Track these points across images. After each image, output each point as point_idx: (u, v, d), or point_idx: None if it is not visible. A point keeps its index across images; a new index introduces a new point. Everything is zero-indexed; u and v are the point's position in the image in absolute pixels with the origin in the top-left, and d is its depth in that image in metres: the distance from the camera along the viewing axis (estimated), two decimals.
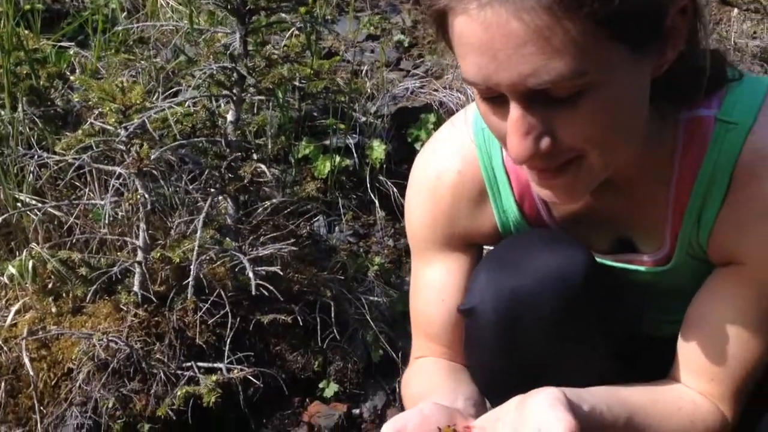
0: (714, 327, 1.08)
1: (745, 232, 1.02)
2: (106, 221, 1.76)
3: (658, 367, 1.29)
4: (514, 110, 0.89)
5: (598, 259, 1.19)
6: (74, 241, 1.86)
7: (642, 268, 1.16)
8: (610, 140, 0.93)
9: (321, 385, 1.94)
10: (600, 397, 1.02)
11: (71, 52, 2.31)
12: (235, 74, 1.85)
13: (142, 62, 2.32)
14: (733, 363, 1.08)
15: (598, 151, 0.93)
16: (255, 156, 1.92)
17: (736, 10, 2.69)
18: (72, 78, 1.88)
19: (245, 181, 1.85)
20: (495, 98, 0.91)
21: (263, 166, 1.85)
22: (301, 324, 1.91)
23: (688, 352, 1.12)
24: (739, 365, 1.09)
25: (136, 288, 1.81)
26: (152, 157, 1.72)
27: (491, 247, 1.24)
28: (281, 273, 1.84)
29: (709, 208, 1.05)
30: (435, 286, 1.23)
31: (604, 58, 0.85)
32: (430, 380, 1.21)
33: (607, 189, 1.05)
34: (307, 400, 1.94)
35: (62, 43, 2.35)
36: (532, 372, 1.21)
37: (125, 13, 2.57)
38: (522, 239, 1.18)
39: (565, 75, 0.84)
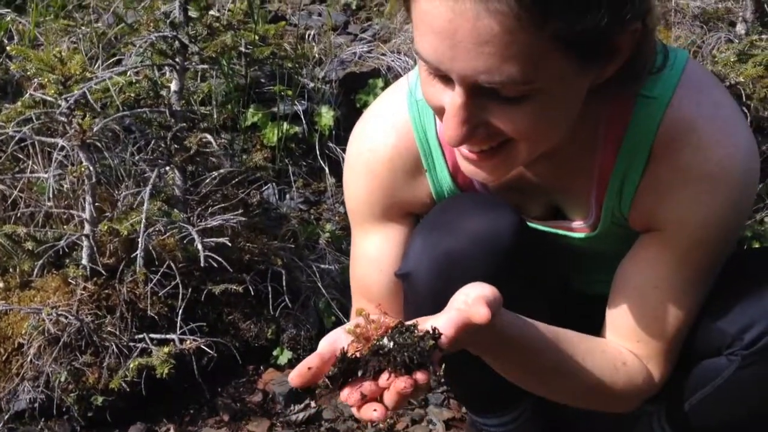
0: (637, 291, 1.14)
1: (664, 199, 1.08)
2: (51, 194, 1.73)
3: (591, 325, 1.36)
4: (457, 97, 0.93)
5: (531, 224, 1.23)
6: (19, 215, 1.83)
7: (571, 234, 1.21)
8: (541, 136, 0.99)
9: (275, 353, 1.97)
10: (529, 320, 1.07)
11: (8, 19, 2.24)
12: (176, 43, 1.82)
13: (83, 28, 2.26)
14: (658, 325, 1.14)
15: (527, 143, 0.98)
16: (201, 125, 1.90)
17: None
18: (9, 48, 1.82)
19: (192, 152, 1.83)
20: (442, 76, 0.95)
21: (209, 136, 1.84)
22: (252, 293, 1.92)
23: (615, 315, 1.18)
24: (663, 327, 1.14)
25: (84, 261, 1.80)
26: (95, 128, 1.69)
27: None
28: (230, 244, 1.84)
29: (631, 178, 1.10)
30: (373, 256, 1.27)
31: (553, 69, 0.90)
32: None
33: (538, 158, 1.08)
34: (261, 368, 1.97)
35: None
36: None
37: None
38: (453, 203, 1.22)
39: (516, 79, 0.89)
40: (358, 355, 0.90)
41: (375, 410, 0.87)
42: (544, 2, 0.84)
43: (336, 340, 0.93)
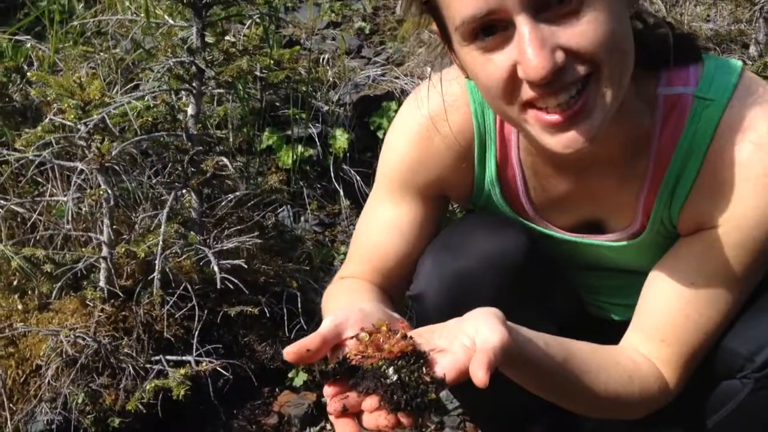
0: (673, 287, 1.12)
1: (721, 196, 1.06)
2: (70, 217, 1.76)
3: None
4: (524, 26, 0.91)
5: (563, 236, 1.23)
6: (38, 237, 1.85)
7: (607, 243, 1.20)
8: (617, 49, 0.94)
9: (290, 375, 1.97)
10: (540, 335, 1.04)
11: (28, 46, 2.29)
12: (193, 68, 1.85)
13: (101, 54, 2.30)
14: (686, 326, 1.11)
15: (609, 63, 0.94)
16: (217, 149, 1.92)
17: None
18: (29, 74, 1.86)
19: (208, 175, 1.85)
20: (494, 30, 0.93)
21: (225, 159, 1.86)
22: (268, 315, 1.93)
23: (644, 311, 1.16)
24: (691, 329, 1.12)
25: (102, 283, 1.81)
26: (113, 152, 1.71)
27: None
28: (246, 266, 1.86)
29: (685, 178, 1.09)
30: (397, 226, 1.25)
31: None
32: (358, 297, 1.20)
33: (592, 167, 1.09)
34: (277, 389, 1.96)
35: (19, 36, 2.32)
36: None
37: (82, 4, 2.54)
38: (464, 225, 1.23)
39: None
40: (357, 361, 0.87)
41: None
42: None
43: (341, 325, 0.91)
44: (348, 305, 1.03)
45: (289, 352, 0.86)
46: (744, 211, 1.05)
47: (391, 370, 0.85)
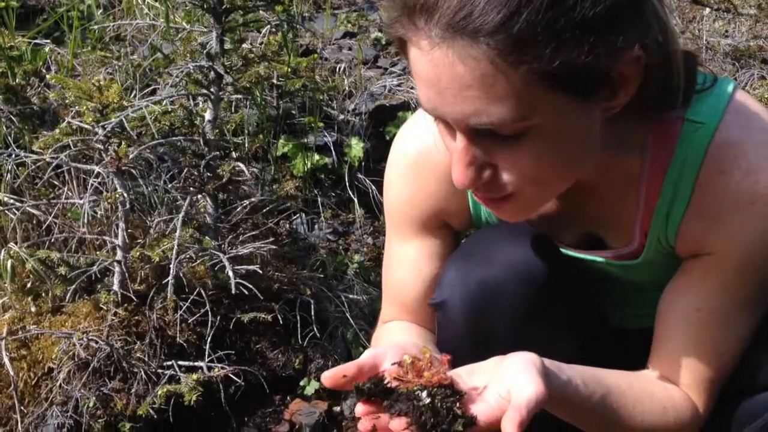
0: (681, 315, 1.12)
1: (713, 225, 1.06)
2: (85, 220, 1.76)
3: (626, 358, 1.33)
4: (459, 140, 0.94)
5: (565, 251, 1.22)
6: (53, 240, 1.85)
7: (611, 262, 1.19)
8: (548, 178, 0.98)
9: (302, 383, 1.95)
10: (577, 371, 1.04)
11: (47, 50, 2.30)
12: (212, 73, 1.85)
13: (119, 60, 2.31)
14: (703, 352, 1.11)
15: (532, 188, 0.98)
16: (234, 154, 1.92)
17: (707, 10, 2.74)
18: (48, 77, 1.87)
19: (224, 180, 1.85)
20: (446, 122, 0.96)
21: (242, 165, 1.85)
22: (281, 322, 1.92)
23: (659, 341, 1.16)
24: (709, 354, 1.11)
25: (115, 287, 1.81)
26: (130, 156, 1.71)
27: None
28: (261, 271, 1.85)
29: (678, 204, 1.08)
30: (411, 261, 1.26)
31: (547, 105, 0.89)
32: (401, 337, 1.24)
33: (575, 191, 1.07)
34: (288, 398, 1.95)
35: (38, 41, 2.33)
36: None
37: (101, 10, 2.55)
38: (489, 233, 1.22)
39: (506, 119, 0.89)
40: (394, 385, 0.89)
41: None
42: (514, 43, 0.84)
43: (380, 356, 0.92)
44: (392, 341, 1.08)
45: (327, 377, 0.89)
46: (737, 239, 1.05)
47: (425, 394, 0.86)
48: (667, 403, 1.12)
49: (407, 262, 1.27)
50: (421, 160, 1.20)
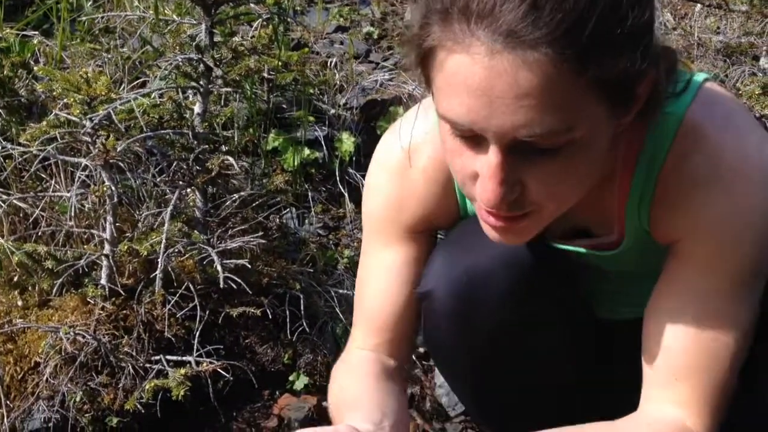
0: (667, 315, 1.07)
1: (676, 209, 1.05)
2: (72, 213, 1.74)
3: (614, 351, 1.32)
4: (494, 156, 0.91)
5: (554, 245, 1.21)
6: (40, 233, 1.84)
7: (596, 252, 1.19)
8: (569, 195, 0.98)
9: (291, 378, 1.94)
10: None
11: (35, 41, 2.28)
12: (201, 66, 1.84)
13: (108, 52, 2.29)
14: (696, 351, 1.05)
15: (554, 204, 0.97)
16: (223, 148, 1.91)
17: (699, 6, 2.74)
18: (36, 69, 1.85)
19: (213, 174, 1.84)
20: (471, 138, 0.92)
21: (231, 159, 1.84)
22: (270, 317, 1.91)
23: (648, 353, 1.09)
24: (702, 354, 1.04)
25: (103, 281, 1.80)
26: (118, 148, 1.70)
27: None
28: (250, 266, 1.84)
29: (647, 192, 1.07)
30: (392, 269, 1.22)
31: (590, 117, 0.89)
32: (359, 386, 1.16)
33: None
34: (277, 392, 1.94)
35: (26, 32, 2.31)
36: (488, 354, 1.24)
37: (90, 2, 2.53)
38: (475, 223, 1.20)
39: (556, 130, 0.88)
40: None
41: None
42: (583, 47, 0.84)
43: None
44: (342, 406, 1.08)
45: None
46: (699, 221, 1.03)
47: None
48: None
49: (388, 267, 1.22)
50: (409, 163, 1.18)
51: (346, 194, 2.32)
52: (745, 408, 1.11)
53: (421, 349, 2.04)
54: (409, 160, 1.17)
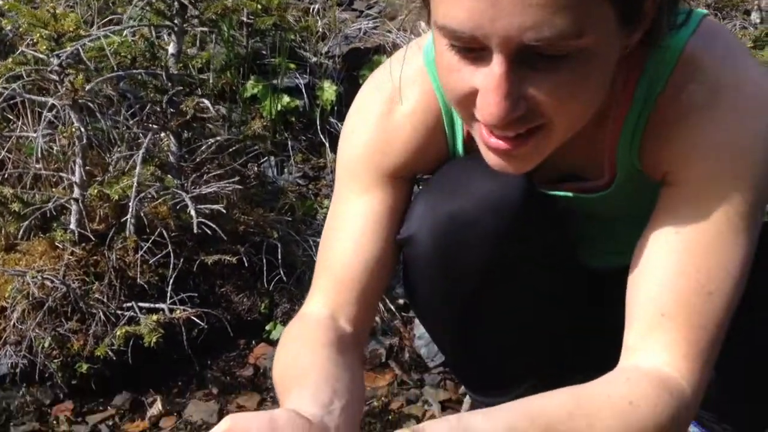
0: (658, 246, 0.99)
1: (668, 138, 1.00)
2: (39, 155, 1.68)
3: (601, 299, 1.28)
4: (498, 66, 0.84)
5: (540, 190, 1.17)
6: (6, 176, 1.77)
7: (584, 195, 1.14)
8: (578, 109, 0.90)
9: (267, 328, 1.90)
10: (500, 422, 0.85)
11: None
12: (176, 3, 1.76)
13: None
14: (687, 285, 0.96)
15: (563, 120, 0.90)
16: (199, 92, 1.84)
17: None
18: (1, 3, 1.77)
19: (188, 117, 1.78)
20: (471, 51, 0.86)
21: (207, 101, 1.78)
22: (246, 265, 1.86)
23: (634, 290, 1.01)
24: (693, 290, 0.96)
25: (72, 226, 1.74)
26: (87, 87, 1.63)
27: None
28: (225, 211, 1.78)
29: (640, 125, 1.02)
30: (368, 217, 1.13)
31: (600, 24, 0.83)
32: (309, 357, 1.02)
33: None
34: (253, 342, 1.90)
35: None
36: (471, 303, 1.19)
37: None
38: (460, 166, 1.14)
39: (566, 33, 0.81)
40: None
41: None
42: None
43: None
44: (288, 379, 0.95)
45: None
46: (690, 148, 0.97)
47: None
48: (633, 395, 0.91)
49: (364, 214, 1.13)
50: (396, 106, 1.10)
51: (327, 144, 2.26)
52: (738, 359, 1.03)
53: (401, 301, 2.01)
54: (393, 103, 1.09)
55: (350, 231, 1.13)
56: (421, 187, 1.20)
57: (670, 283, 0.96)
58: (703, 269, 0.96)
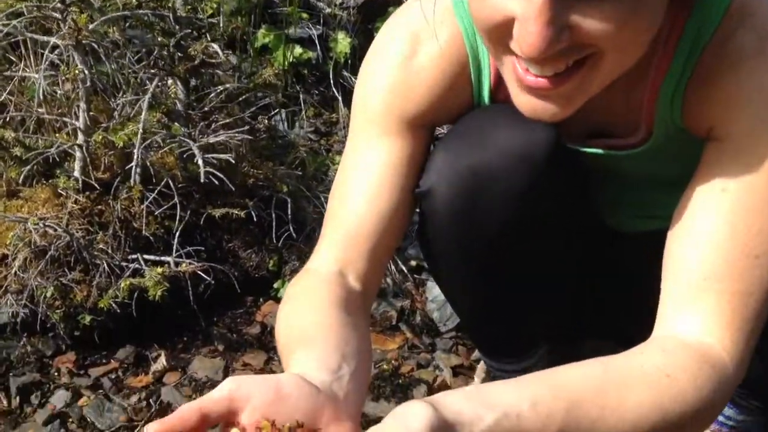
0: (702, 204, 0.92)
1: (713, 90, 0.92)
2: (41, 97, 1.60)
3: (623, 264, 1.22)
4: None
5: (569, 146, 1.09)
6: (8, 119, 1.70)
7: (614, 153, 1.07)
8: (629, 42, 0.83)
9: (275, 285, 1.85)
10: (522, 394, 0.78)
11: None
12: None
13: None
14: (732, 246, 0.88)
15: (615, 51, 0.82)
16: (207, 36, 1.77)
17: None
18: None
19: (196, 62, 1.70)
20: None
21: (216, 46, 1.70)
22: (255, 220, 1.80)
23: (672, 255, 0.93)
24: (735, 263, 0.88)
25: (76, 173, 1.68)
26: (90, 27, 1.55)
27: None
28: (233, 161, 1.72)
29: (684, 77, 0.95)
30: (386, 166, 1.05)
31: None
32: (316, 316, 0.94)
33: None
34: (261, 299, 1.85)
35: None
36: (490, 260, 1.13)
37: None
38: (482, 116, 1.07)
39: None
40: None
41: None
42: None
43: (239, 401, 0.74)
44: (294, 338, 0.88)
45: (156, 430, 0.70)
46: (736, 102, 0.90)
47: None
48: (670, 367, 0.82)
49: (381, 163, 1.05)
50: (421, 49, 1.02)
51: (340, 98, 2.19)
52: None
53: (413, 263, 1.95)
54: (418, 44, 1.01)
55: (365, 181, 1.06)
56: (440, 139, 1.13)
57: (715, 244, 0.89)
58: (753, 231, 0.88)
